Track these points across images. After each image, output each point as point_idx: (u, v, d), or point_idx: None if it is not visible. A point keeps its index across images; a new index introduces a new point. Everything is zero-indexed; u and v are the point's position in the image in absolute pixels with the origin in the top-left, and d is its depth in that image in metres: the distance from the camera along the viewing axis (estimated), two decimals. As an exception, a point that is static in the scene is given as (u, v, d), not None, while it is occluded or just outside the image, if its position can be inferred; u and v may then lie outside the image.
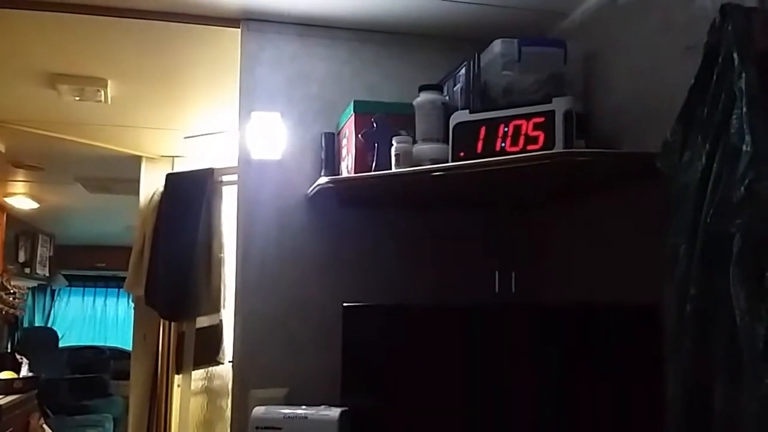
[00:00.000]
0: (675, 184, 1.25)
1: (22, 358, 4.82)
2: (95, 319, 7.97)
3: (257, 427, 1.60)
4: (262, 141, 1.95)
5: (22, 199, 4.73)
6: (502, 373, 1.52)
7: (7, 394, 4.29)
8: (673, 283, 1.20)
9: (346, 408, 1.61)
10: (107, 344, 7.40)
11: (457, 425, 1.56)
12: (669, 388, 1.17)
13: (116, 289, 7.72)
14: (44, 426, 4.57)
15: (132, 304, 3.58)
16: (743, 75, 1.14)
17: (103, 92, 2.54)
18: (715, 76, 1.20)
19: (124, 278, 3.38)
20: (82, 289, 7.89)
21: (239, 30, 2.01)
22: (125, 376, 3.66)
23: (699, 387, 1.11)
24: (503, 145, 1.51)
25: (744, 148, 1.11)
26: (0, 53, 2.23)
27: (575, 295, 1.79)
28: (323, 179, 1.76)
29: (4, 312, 5.31)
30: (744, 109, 1.12)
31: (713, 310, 1.11)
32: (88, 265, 7.04)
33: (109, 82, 2.49)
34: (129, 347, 3.58)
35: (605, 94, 1.70)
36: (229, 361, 2.73)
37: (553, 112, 1.46)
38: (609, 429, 1.41)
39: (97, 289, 7.94)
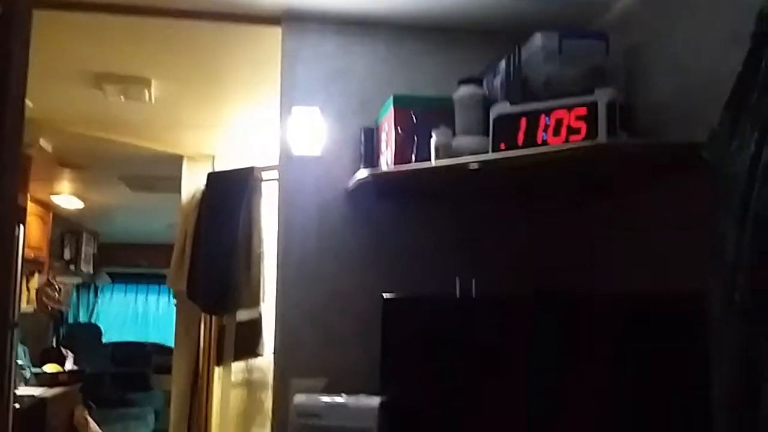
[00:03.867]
0: (723, 173, 1.23)
1: (67, 352, 4.96)
2: (137, 315, 8.14)
3: (298, 414, 1.62)
4: (303, 136, 1.98)
5: (67, 198, 4.86)
6: (545, 364, 1.51)
7: (52, 386, 4.43)
8: (720, 272, 1.18)
9: (386, 398, 1.63)
10: (149, 340, 7.55)
11: (498, 419, 1.56)
12: (715, 386, 1.15)
13: (157, 286, 7.86)
14: (88, 418, 4.70)
15: (173, 300, 3.65)
16: (792, 62, 1.11)
17: (147, 92, 2.60)
18: (763, 63, 1.18)
19: (165, 276, 3.46)
20: (124, 286, 8.06)
21: (280, 29, 2.04)
22: (166, 370, 3.74)
23: (746, 379, 1.09)
24: (545, 136, 1.50)
25: (793, 135, 1.08)
26: (48, 55, 2.29)
27: (622, 288, 1.77)
28: (363, 173, 1.78)
29: (49, 308, 5.46)
30: (793, 97, 1.10)
31: (763, 300, 1.09)
32: (131, 262, 7.19)
33: (153, 81, 2.55)
34: (170, 343, 3.66)
35: (648, 87, 1.68)
36: (272, 353, 2.77)
37: (595, 103, 1.45)
38: (653, 423, 1.39)
39: (139, 286, 8.11)
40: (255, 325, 2.99)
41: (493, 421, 1.57)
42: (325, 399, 1.67)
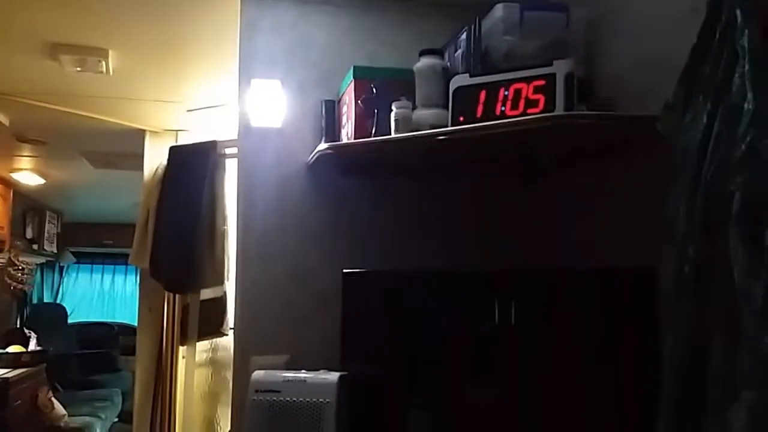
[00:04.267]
0: (676, 146, 1.23)
1: (30, 333, 4.88)
2: (103, 295, 8.03)
3: (257, 390, 1.60)
4: (262, 109, 1.94)
5: (28, 175, 4.75)
6: (501, 337, 1.52)
7: (15, 367, 4.36)
8: (672, 244, 1.19)
9: (346, 373, 1.62)
10: (116, 320, 7.47)
11: (455, 391, 1.57)
12: (665, 349, 1.16)
13: (124, 266, 7.76)
14: (53, 399, 4.63)
15: (139, 280, 3.61)
16: (746, 32, 1.11)
17: (104, 63, 2.53)
18: (717, 35, 1.18)
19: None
20: (90, 266, 7.94)
21: (239, -3, 2.00)
22: (133, 351, 3.69)
23: (696, 347, 1.10)
24: (503, 108, 1.49)
25: (746, 106, 1.09)
26: (1, 23, 2.22)
27: (577, 262, 1.78)
28: (323, 145, 1.76)
29: (12, 287, 5.37)
30: (746, 68, 1.10)
31: (711, 270, 1.10)
32: (96, 242, 7.08)
33: (110, 52, 2.49)
34: (136, 323, 3.61)
35: (608, 59, 1.68)
36: (231, 328, 2.75)
37: (554, 74, 1.44)
38: (606, 391, 1.41)
39: (105, 266, 7.99)
40: (219, 304, 2.96)
41: (453, 395, 1.57)
42: (284, 374, 1.65)
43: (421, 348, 1.62)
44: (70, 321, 7.11)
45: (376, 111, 1.70)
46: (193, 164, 2.97)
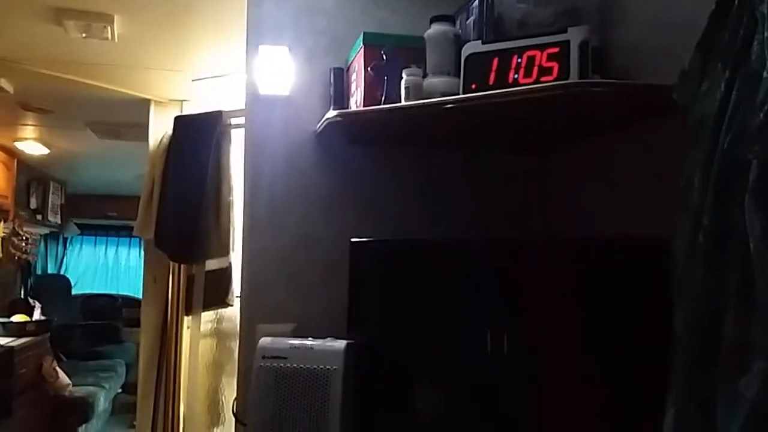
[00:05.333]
0: (693, 114, 1.21)
1: (34, 302, 4.91)
2: (107, 267, 8.07)
3: (263, 357, 1.60)
4: (270, 76, 1.92)
5: (32, 144, 4.73)
6: (511, 307, 1.51)
7: (19, 336, 4.39)
8: (686, 214, 1.17)
9: (353, 341, 1.62)
10: (120, 292, 7.51)
11: (464, 361, 1.57)
12: (678, 318, 1.15)
13: (128, 238, 7.79)
14: (57, 369, 4.67)
15: (143, 251, 3.61)
16: (766, -1, 1.09)
17: (109, 29, 2.51)
18: (736, 2, 1.15)
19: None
20: (94, 237, 7.96)
21: (247, -39, 1.96)
22: (137, 323, 3.71)
23: (709, 315, 1.09)
24: (516, 76, 1.47)
25: (764, 74, 1.06)
26: (5, -13, 2.20)
27: (588, 233, 1.77)
28: (331, 113, 1.74)
29: (16, 257, 5.38)
30: (765, 34, 1.08)
31: (726, 239, 1.09)
32: (100, 213, 7.09)
33: (115, 18, 2.46)
34: (141, 295, 3.63)
35: (623, 26, 1.65)
36: (237, 297, 2.76)
37: (568, 42, 1.42)
38: (619, 360, 1.41)
39: (109, 238, 8.02)
40: (224, 275, 2.96)
41: (459, 364, 1.57)
42: (291, 341, 1.65)
43: (427, 317, 1.62)
44: (74, 292, 7.16)
45: (386, 78, 1.68)
46: (198, 134, 2.95)
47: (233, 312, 2.98)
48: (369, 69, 1.71)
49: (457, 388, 1.57)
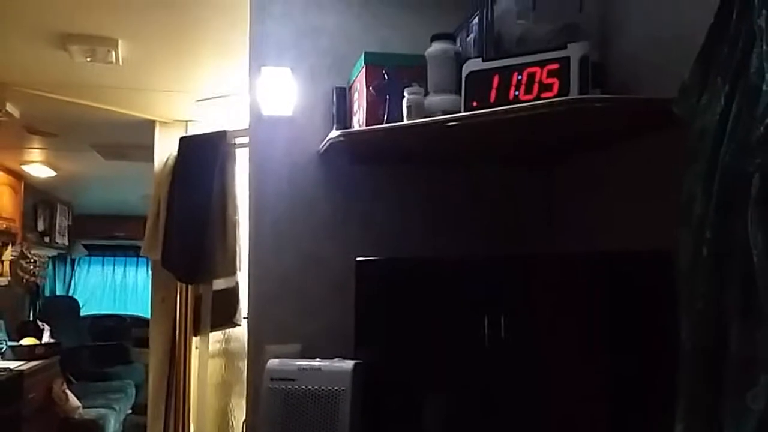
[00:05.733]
0: (693, 128, 1.21)
1: (43, 325, 4.92)
2: (115, 287, 8.09)
3: (272, 378, 1.61)
4: (273, 97, 1.93)
5: (39, 167, 4.77)
6: (518, 324, 1.51)
7: (29, 359, 4.39)
8: (688, 228, 1.17)
9: (360, 361, 1.62)
10: (128, 312, 7.52)
11: (471, 378, 1.56)
12: (682, 333, 1.15)
13: (135, 258, 7.82)
14: (67, 391, 4.67)
15: (150, 271, 3.62)
16: (763, 12, 1.09)
17: (114, 53, 2.54)
18: (734, 15, 1.16)
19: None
20: (101, 258, 7.99)
21: (249, -17, 1.99)
22: (146, 343, 3.72)
23: (714, 329, 1.09)
24: (517, 93, 1.47)
25: (764, 87, 1.07)
26: (11, 13, 2.22)
27: (591, 247, 1.77)
28: (334, 133, 1.75)
29: (24, 280, 5.40)
30: (764, 47, 1.08)
31: (729, 252, 1.09)
32: (107, 234, 7.12)
33: (120, 41, 2.49)
34: (149, 315, 3.64)
35: (622, 41, 1.66)
36: (244, 318, 2.76)
37: (568, 58, 1.42)
38: (624, 375, 1.40)
39: (117, 258, 8.05)
40: (231, 294, 2.97)
41: (466, 382, 1.57)
42: (299, 363, 1.66)
43: (434, 335, 1.62)
44: (82, 313, 7.17)
45: (387, 97, 1.69)
46: (203, 154, 2.98)
47: (241, 332, 2.98)
48: (371, 88, 1.72)
49: (464, 406, 1.57)
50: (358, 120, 1.80)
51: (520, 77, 1.48)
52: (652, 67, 1.54)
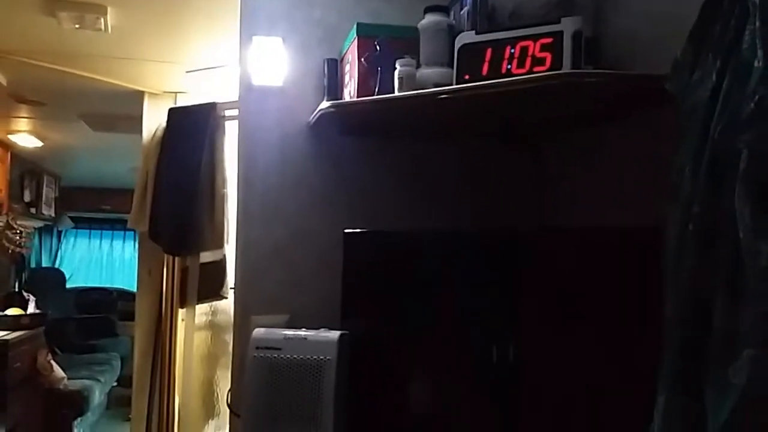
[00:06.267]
0: (685, 104, 1.21)
1: (29, 296, 4.90)
2: (102, 260, 8.06)
3: (257, 347, 1.61)
4: (264, 67, 1.92)
5: (26, 137, 4.71)
6: (503, 297, 1.52)
7: (14, 329, 4.36)
8: (676, 203, 1.18)
9: (346, 331, 1.63)
10: (114, 286, 7.50)
11: (455, 349, 1.57)
12: (667, 306, 1.16)
13: (122, 232, 7.79)
14: (52, 362, 4.66)
15: (137, 244, 3.60)
16: (758, -11, 1.09)
17: (102, 20, 2.49)
18: (727, -8, 1.15)
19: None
20: (88, 231, 7.95)
21: (240, -49, 1.96)
22: (132, 316, 3.71)
23: (698, 304, 1.10)
24: (509, 67, 1.47)
25: (756, 63, 1.07)
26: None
27: (581, 223, 1.78)
28: (325, 104, 1.74)
29: (10, 251, 5.36)
30: (757, 24, 1.08)
31: (716, 228, 1.09)
32: (94, 207, 7.07)
33: (108, 9, 2.45)
34: (135, 288, 3.63)
35: (616, 17, 1.65)
36: (231, 289, 2.76)
37: (561, 32, 1.42)
38: (609, 348, 1.41)
39: (103, 231, 8.01)
40: (219, 267, 2.96)
41: (451, 355, 1.58)
42: (285, 332, 1.66)
43: (420, 307, 1.62)
44: (68, 286, 7.14)
45: (379, 69, 1.68)
46: (192, 126, 2.94)
47: (228, 304, 2.98)
48: (362, 60, 1.71)
49: (450, 378, 1.58)
50: (349, 92, 1.79)
51: (512, 51, 1.47)
52: (646, 43, 1.54)
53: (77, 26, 2.54)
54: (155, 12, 2.51)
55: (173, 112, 3.12)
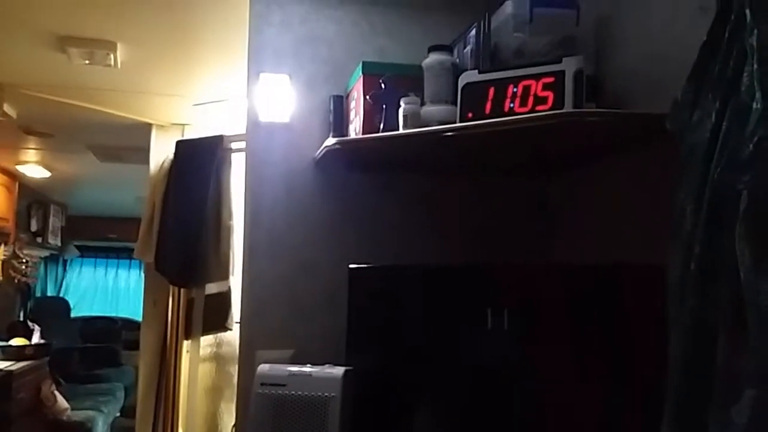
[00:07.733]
0: (685, 144, 1.23)
1: (33, 326, 4.90)
2: (107, 289, 8.06)
3: (262, 384, 1.61)
4: (271, 103, 1.95)
5: (33, 168, 4.76)
6: (509, 332, 1.52)
7: (18, 360, 4.37)
8: (678, 242, 1.19)
9: (351, 367, 1.63)
10: (119, 315, 7.49)
11: (462, 385, 1.57)
12: (670, 346, 1.16)
13: (128, 261, 7.80)
14: (56, 393, 4.65)
15: (143, 274, 3.62)
16: (755, 32, 1.11)
17: (112, 56, 2.54)
18: (727, 34, 1.18)
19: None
20: (93, 259, 7.97)
21: (248, -10, 2.00)
22: (136, 346, 3.71)
23: (701, 344, 1.10)
24: (512, 105, 1.49)
25: (754, 105, 1.09)
26: (10, 15, 2.22)
27: (584, 259, 1.79)
28: (331, 140, 1.76)
29: (16, 280, 5.38)
30: (755, 66, 1.10)
31: (717, 268, 1.10)
32: (100, 235, 7.11)
33: (118, 45, 2.50)
34: (140, 317, 3.63)
35: (617, 56, 1.68)
36: (236, 322, 2.76)
37: (563, 72, 1.44)
38: (613, 386, 1.41)
39: (109, 260, 8.03)
40: (224, 299, 2.97)
41: (457, 391, 1.58)
42: (290, 368, 1.66)
43: (425, 343, 1.62)
44: (73, 315, 7.14)
45: (384, 106, 1.70)
46: (199, 158, 2.98)
47: (233, 336, 2.98)
48: (368, 97, 1.74)
49: (457, 414, 1.57)
50: (355, 128, 1.82)
51: (515, 90, 1.49)
52: (647, 82, 1.56)
53: (87, 62, 2.59)
54: (164, 47, 2.56)
55: (181, 145, 3.16)
